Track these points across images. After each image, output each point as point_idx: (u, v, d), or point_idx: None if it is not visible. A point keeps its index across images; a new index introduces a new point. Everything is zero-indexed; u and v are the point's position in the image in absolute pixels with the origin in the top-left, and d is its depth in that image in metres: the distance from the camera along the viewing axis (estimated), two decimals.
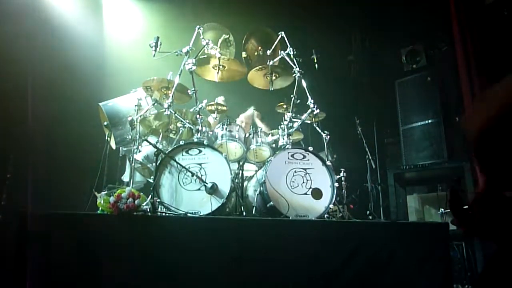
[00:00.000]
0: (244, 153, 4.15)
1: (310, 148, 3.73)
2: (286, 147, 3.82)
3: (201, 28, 4.23)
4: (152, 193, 3.17)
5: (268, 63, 4.35)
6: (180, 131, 4.10)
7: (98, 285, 2.60)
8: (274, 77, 4.35)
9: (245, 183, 3.98)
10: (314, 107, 4.02)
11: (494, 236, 0.70)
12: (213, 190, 3.28)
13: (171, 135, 4.28)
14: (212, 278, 2.73)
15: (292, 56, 4.26)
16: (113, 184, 3.58)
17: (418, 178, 5.45)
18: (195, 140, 3.69)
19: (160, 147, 3.76)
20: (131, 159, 4.04)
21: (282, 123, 4.09)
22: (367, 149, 4.96)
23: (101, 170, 4.28)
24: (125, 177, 4.42)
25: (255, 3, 5.97)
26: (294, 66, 4.18)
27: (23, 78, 4.57)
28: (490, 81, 4.56)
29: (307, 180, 3.60)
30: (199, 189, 3.33)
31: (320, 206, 3.52)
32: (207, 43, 4.13)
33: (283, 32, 4.50)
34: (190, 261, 2.74)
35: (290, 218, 3.35)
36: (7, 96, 4.53)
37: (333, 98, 6.17)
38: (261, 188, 3.61)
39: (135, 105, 4.19)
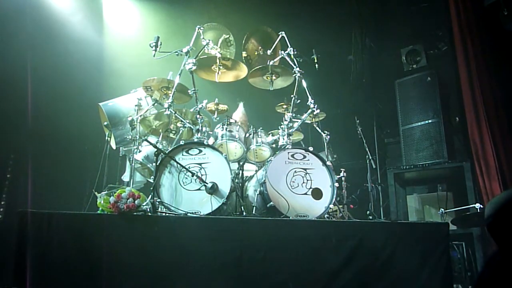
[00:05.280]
0: (244, 153, 4.14)
1: (310, 148, 3.73)
2: (286, 147, 3.82)
3: (201, 28, 4.23)
4: (152, 193, 3.17)
5: (268, 63, 4.34)
6: (180, 131, 4.10)
7: (98, 285, 2.60)
8: (274, 77, 4.34)
9: (245, 183, 3.98)
10: (314, 107, 4.02)
11: None
12: (213, 190, 3.28)
13: (171, 135, 4.27)
14: (212, 277, 2.74)
15: (292, 56, 4.26)
16: (113, 184, 3.58)
17: (418, 178, 5.45)
18: (195, 140, 3.69)
19: (160, 147, 3.76)
20: (131, 159, 4.04)
21: (282, 123, 4.08)
22: (367, 149, 4.94)
23: (101, 170, 4.29)
24: (125, 177, 4.42)
25: (255, 3, 5.96)
26: (294, 66, 4.17)
27: (23, 78, 4.58)
28: (490, 81, 4.59)
29: (307, 180, 3.60)
30: (199, 189, 3.33)
31: (320, 206, 3.52)
32: (207, 43, 4.13)
33: (283, 32, 4.50)
34: (190, 261, 2.75)
35: (290, 218, 3.35)
36: (7, 97, 4.54)
37: (333, 98, 6.18)
38: (261, 188, 3.61)
39: (135, 105, 4.20)
